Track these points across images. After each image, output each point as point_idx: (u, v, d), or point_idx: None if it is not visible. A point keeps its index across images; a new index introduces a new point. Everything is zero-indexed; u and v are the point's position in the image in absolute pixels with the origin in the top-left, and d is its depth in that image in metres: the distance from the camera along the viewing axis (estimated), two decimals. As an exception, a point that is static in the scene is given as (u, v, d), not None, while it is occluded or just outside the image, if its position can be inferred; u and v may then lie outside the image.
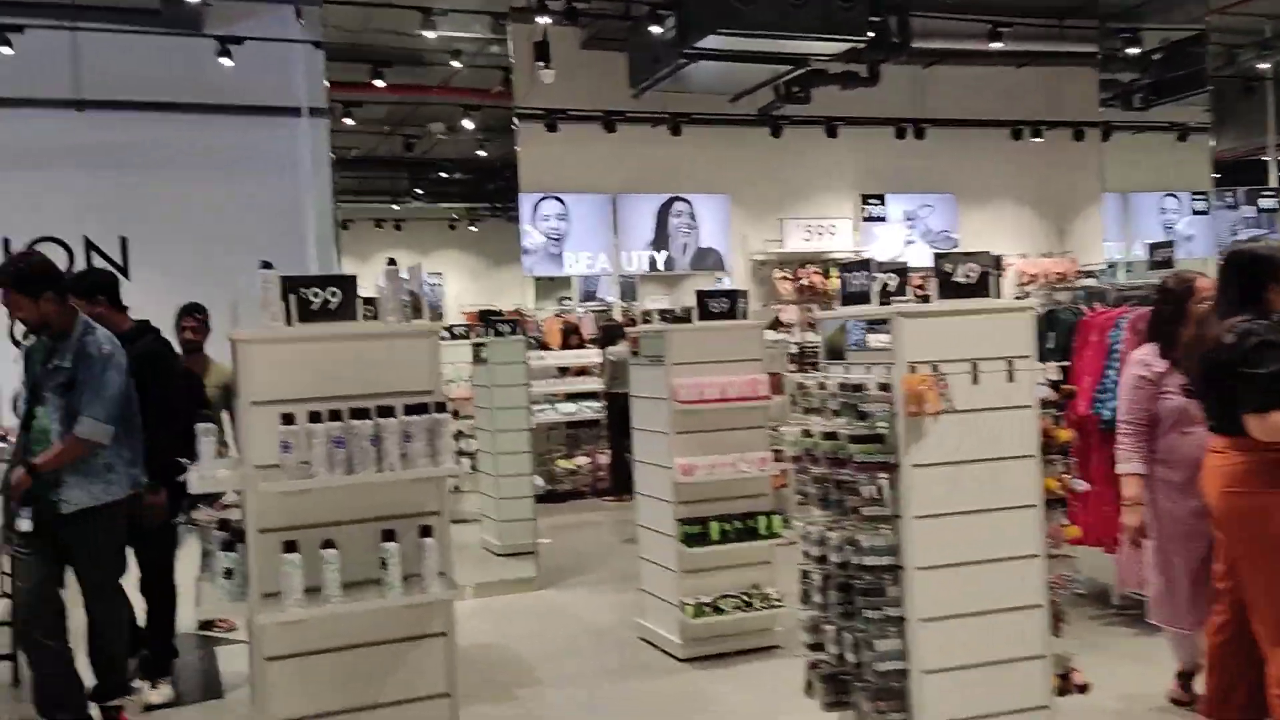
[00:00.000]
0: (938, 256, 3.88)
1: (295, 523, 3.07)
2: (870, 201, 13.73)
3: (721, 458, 5.49)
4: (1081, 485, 4.06)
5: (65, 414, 4.19)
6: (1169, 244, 6.63)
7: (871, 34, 9.91)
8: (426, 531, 3.12)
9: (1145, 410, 4.38)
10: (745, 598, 5.58)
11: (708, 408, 5.47)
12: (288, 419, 2.99)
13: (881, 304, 3.92)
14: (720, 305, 5.59)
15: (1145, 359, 4.45)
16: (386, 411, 3.07)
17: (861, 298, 4.00)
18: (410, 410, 3.08)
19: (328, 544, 3.03)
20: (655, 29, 9.87)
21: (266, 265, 3.19)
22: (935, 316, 3.79)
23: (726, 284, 12.80)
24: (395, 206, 11.36)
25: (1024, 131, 14.24)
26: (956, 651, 3.75)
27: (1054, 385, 3.96)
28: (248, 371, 3.13)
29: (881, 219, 13.79)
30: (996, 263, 3.95)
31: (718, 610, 5.52)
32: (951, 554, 3.76)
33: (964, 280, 3.86)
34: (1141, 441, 4.36)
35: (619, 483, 10.74)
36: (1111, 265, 12.26)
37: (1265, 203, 14.51)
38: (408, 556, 3.10)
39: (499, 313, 8.09)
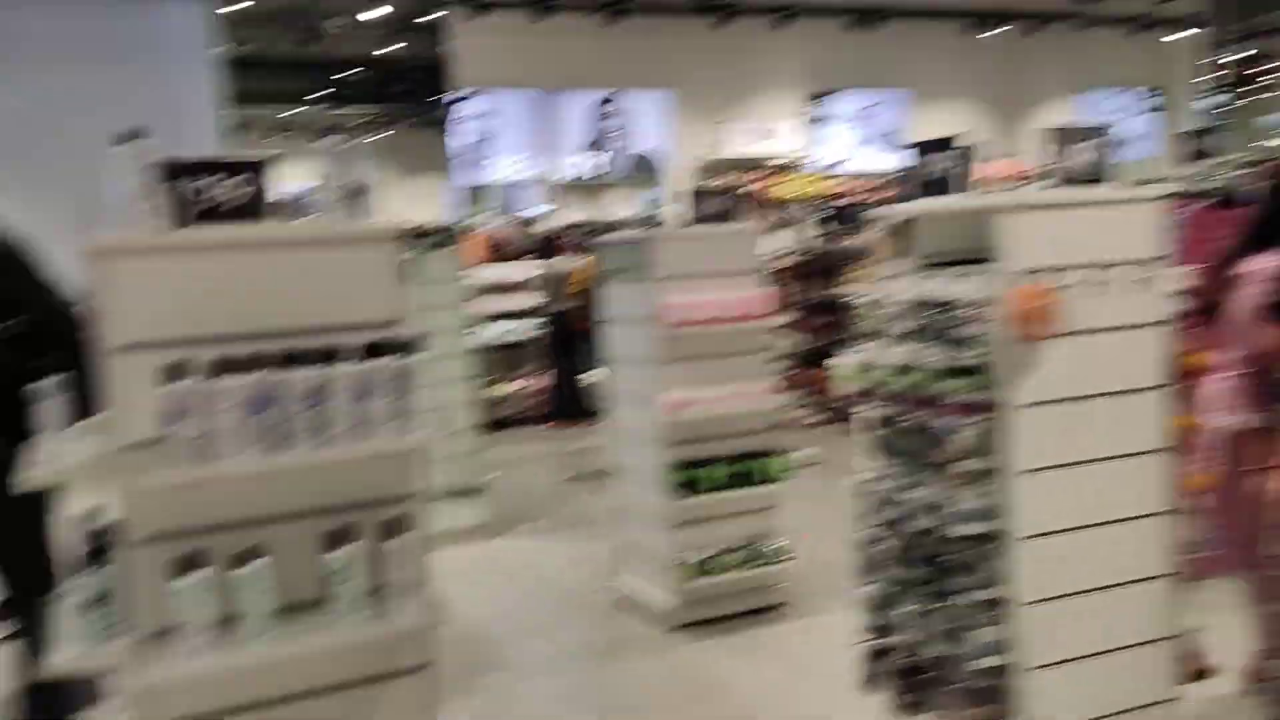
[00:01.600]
0: (1058, 130, 2.97)
1: (195, 524, 2.07)
2: (817, 101, 12.78)
3: (719, 390, 4.58)
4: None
5: None
6: (1207, 131, 5.86)
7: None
8: (393, 529, 2.14)
9: None
10: (746, 552, 4.73)
11: (702, 330, 4.54)
12: (175, 371, 1.96)
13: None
14: (717, 206, 4.62)
15: None
16: (331, 355, 2.06)
17: (939, 186, 3.09)
18: (370, 353, 2.08)
19: (247, 555, 2.03)
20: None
21: (133, 136, 2.11)
22: (1051, 209, 2.89)
23: (661, 196, 11.81)
24: (285, 113, 9.97)
25: (981, 24, 13.39)
26: (1072, 640, 2.95)
27: (1187, 295, 3.12)
28: (110, 300, 2.08)
29: (828, 119, 12.87)
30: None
31: (713, 569, 4.66)
32: (1066, 517, 2.94)
33: (1080, 168, 2.97)
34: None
35: (563, 408, 9.83)
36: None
37: (1210, 101, 14.11)
38: (367, 562, 2.13)
39: (421, 228, 6.95)
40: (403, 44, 8.89)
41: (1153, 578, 3.02)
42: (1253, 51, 14.65)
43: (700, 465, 4.62)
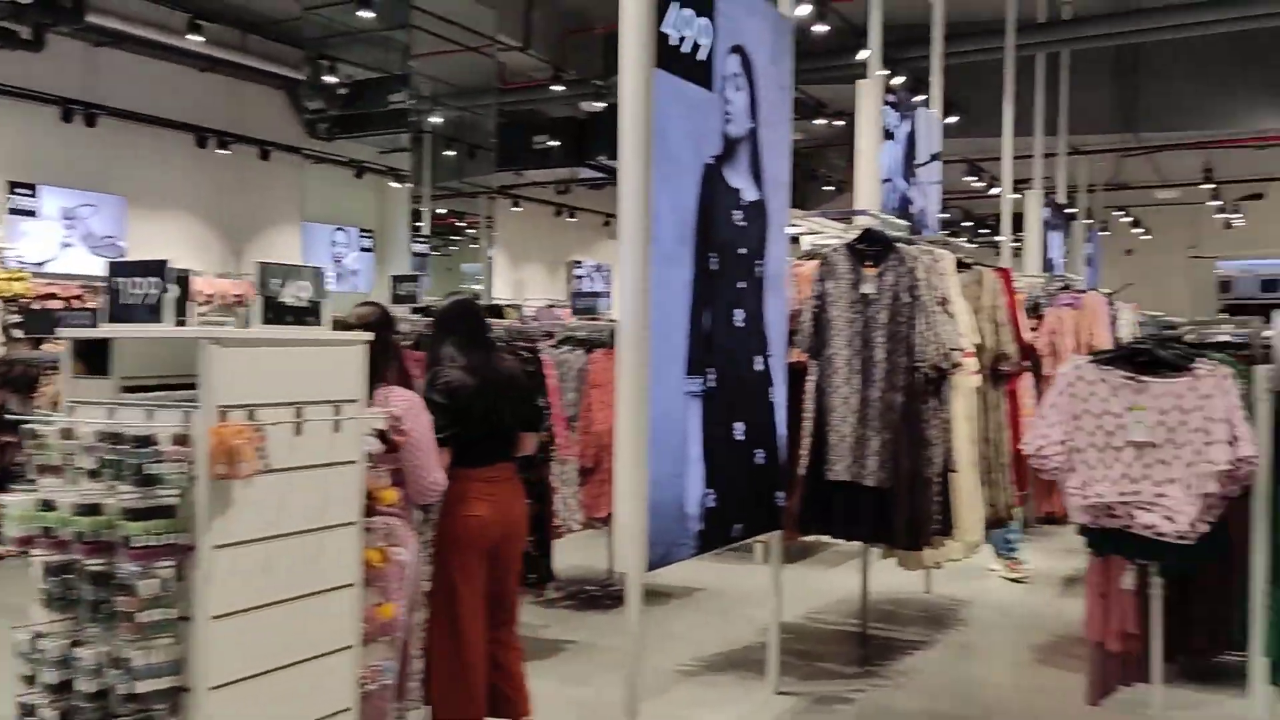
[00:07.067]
0: (263, 267, 2.75)
1: None
2: (20, 192, 11.26)
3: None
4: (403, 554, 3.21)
5: None
6: (413, 278, 6.26)
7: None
8: None
9: None
10: None
11: None
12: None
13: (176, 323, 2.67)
14: None
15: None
16: None
17: (147, 312, 2.68)
18: None
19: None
20: None
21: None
22: (259, 346, 2.66)
23: None
24: None
25: (208, 140, 13.14)
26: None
27: (380, 435, 3.08)
28: None
29: (32, 214, 11.39)
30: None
31: None
32: (256, 662, 2.66)
33: (294, 301, 2.80)
34: None
35: None
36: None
37: (418, 247, 15.28)
38: None
39: None
40: None
41: (330, 716, 2.85)
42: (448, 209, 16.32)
43: None
